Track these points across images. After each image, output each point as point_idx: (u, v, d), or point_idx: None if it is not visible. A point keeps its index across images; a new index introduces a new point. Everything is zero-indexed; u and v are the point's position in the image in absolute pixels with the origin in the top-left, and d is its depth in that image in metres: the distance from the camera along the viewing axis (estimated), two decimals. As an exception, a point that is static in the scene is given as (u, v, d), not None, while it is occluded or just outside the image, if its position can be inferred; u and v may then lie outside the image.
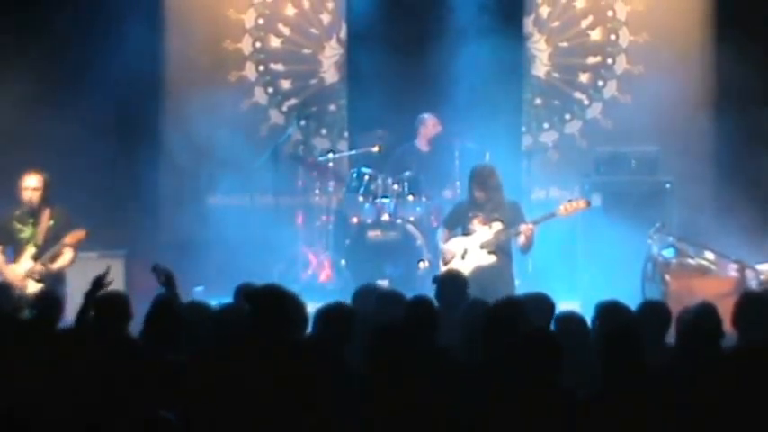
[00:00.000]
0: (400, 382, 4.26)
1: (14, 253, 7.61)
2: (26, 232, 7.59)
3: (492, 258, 7.58)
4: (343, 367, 4.56)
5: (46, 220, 7.59)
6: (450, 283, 5.92)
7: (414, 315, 5.08)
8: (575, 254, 8.88)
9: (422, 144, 9.38)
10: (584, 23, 9.94)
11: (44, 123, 9.23)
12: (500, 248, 7.61)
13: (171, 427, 3.87)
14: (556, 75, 9.97)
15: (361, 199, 9.03)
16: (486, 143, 9.18)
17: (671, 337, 5.05)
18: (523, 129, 9.95)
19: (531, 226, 7.55)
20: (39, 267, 7.46)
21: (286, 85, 10.08)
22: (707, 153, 9.58)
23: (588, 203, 7.82)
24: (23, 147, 8.97)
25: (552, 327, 5.09)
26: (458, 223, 7.86)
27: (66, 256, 7.51)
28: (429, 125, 9.34)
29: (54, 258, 7.50)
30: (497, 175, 7.77)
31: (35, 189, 7.59)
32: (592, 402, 4.25)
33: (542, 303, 5.44)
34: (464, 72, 9.32)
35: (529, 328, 4.73)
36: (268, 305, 4.70)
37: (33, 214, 7.58)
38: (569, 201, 7.82)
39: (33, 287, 7.34)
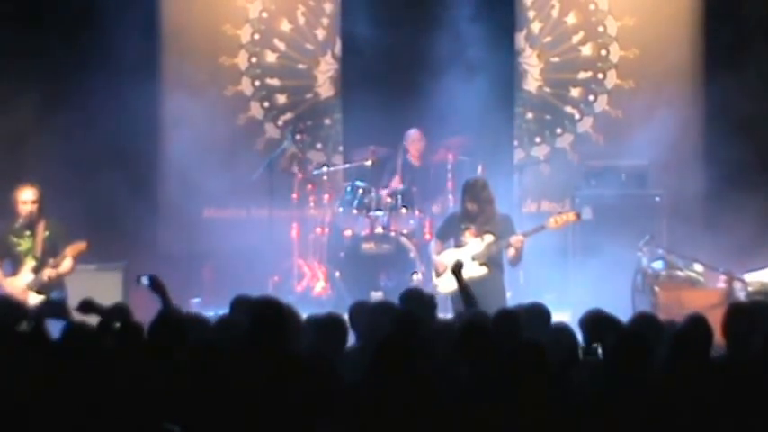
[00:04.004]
0: (392, 393, 4.32)
1: (12, 266, 7.62)
2: (24, 245, 7.61)
3: (483, 270, 7.64)
4: (338, 378, 4.62)
5: (42, 232, 7.58)
6: (416, 301, 6.00)
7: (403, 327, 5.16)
8: (566, 266, 8.97)
9: (412, 158, 9.47)
10: (576, 39, 10.04)
11: (42, 137, 9.30)
12: (491, 260, 7.67)
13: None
14: (547, 89, 10.08)
15: (355, 212, 9.11)
16: (479, 157, 9.27)
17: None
18: (515, 143, 10.05)
19: (521, 238, 7.61)
20: (40, 280, 7.53)
21: (281, 99, 10.17)
22: (696, 167, 9.67)
23: (578, 216, 7.87)
24: (19, 160, 9.04)
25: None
26: (450, 235, 7.90)
27: (66, 264, 7.54)
28: (409, 140, 9.41)
29: (53, 270, 7.55)
30: (489, 189, 7.83)
31: (32, 202, 7.59)
32: (583, 413, 4.32)
33: (538, 314, 5.53)
34: (457, 87, 9.40)
35: (522, 339, 4.82)
36: (266, 318, 4.76)
37: (30, 227, 7.58)
38: (559, 213, 7.84)
39: (35, 299, 7.40)
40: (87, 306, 5.80)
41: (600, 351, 4.94)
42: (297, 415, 4.34)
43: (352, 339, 5.43)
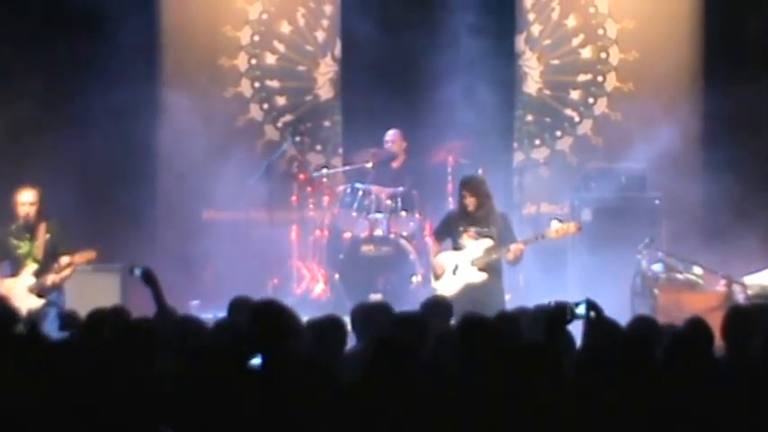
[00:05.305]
0: (391, 395, 4.33)
1: (12, 268, 7.61)
2: (23, 248, 7.61)
3: (483, 276, 7.63)
4: (337, 380, 4.62)
5: (42, 235, 7.59)
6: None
7: (401, 329, 5.16)
8: (565, 268, 8.99)
9: (395, 162, 9.45)
10: (575, 41, 10.06)
11: (40, 139, 9.31)
12: (490, 265, 7.68)
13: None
14: (547, 92, 10.09)
15: (354, 214, 9.11)
16: (479, 159, 9.27)
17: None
18: (515, 145, 10.06)
19: (521, 246, 7.60)
20: (42, 283, 7.51)
21: (281, 101, 10.17)
22: (695, 169, 9.69)
23: (579, 228, 7.82)
24: (18, 162, 9.04)
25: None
26: (448, 235, 7.89)
27: (68, 269, 7.55)
28: (384, 141, 9.40)
29: (56, 274, 7.53)
30: (487, 185, 7.84)
31: (32, 204, 7.59)
32: (583, 414, 4.33)
33: (537, 317, 5.52)
34: (456, 89, 9.42)
35: (523, 341, 4.82)
36: (268, 320, 4.76)
37: (29, 229, 7.59)
38: (560, 223, 7.77)
39: (36, 302, 7.40)
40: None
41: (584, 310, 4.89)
42: (297, 416, 4.34)
43: (352, 341, 5.44)
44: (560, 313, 4.75)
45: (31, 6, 9.51)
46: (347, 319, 5.46)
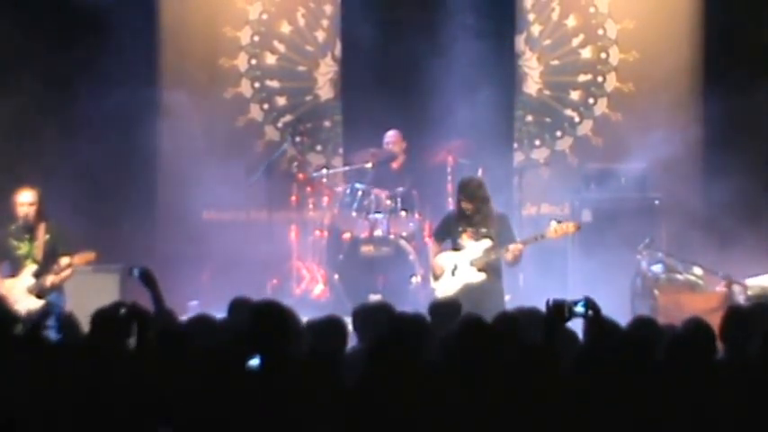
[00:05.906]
0: (391, 395, 4.33)
1: (11, 269, 7.60)
2: (23, 249, 7.60)
3: (482, 276, 7.63)
4: (337, 381, 4.62)
5: (42, 236, 7.59)
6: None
7: (400, 329, 5.15)
8: (565, 269, 8.99)
9: (394, 162, 9.45)
10: (576, 42, 10.06)
11: (40, 139, 9.31)
12: (489, 266, 7.68)
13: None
14: (547, 92, 10.09)
15: (354, 214, 9.11)
16: (479, 159, 9.27)
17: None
18: (515, 145, 10.06)
19: (520, 247, 7.60)
20: (41, 284, 7.51)
21: (281, 101, 10.18)
22: (695, 170, 9.70)
23: (578, 227, 7.82)
24: (18, 163, 9.04)
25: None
26: (447, 235, 7.89)
27: (67, 270, 7.55)
28: (383, 143, 9.40)
29: (56, 275, 7.53)
30: (485, 188, 7.83)
31: (30, 204, 7.58)
32: (583, 415, 4.33)
33: (536, 318, 5.52)
34: (457, 89, 9.42)
35: (522, 342, 4.83)
36: (267, 320, 4.77)
37: (29, 230, 7.58)
38: (559, 222, 7.74)
39: (35, 303, 7.40)
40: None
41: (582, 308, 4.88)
42: (297, 416, 4.33)
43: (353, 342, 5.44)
44: (558, 312, 4.75)
45: (31, 8, 9.51)
46: (347, 320, 5.46)
